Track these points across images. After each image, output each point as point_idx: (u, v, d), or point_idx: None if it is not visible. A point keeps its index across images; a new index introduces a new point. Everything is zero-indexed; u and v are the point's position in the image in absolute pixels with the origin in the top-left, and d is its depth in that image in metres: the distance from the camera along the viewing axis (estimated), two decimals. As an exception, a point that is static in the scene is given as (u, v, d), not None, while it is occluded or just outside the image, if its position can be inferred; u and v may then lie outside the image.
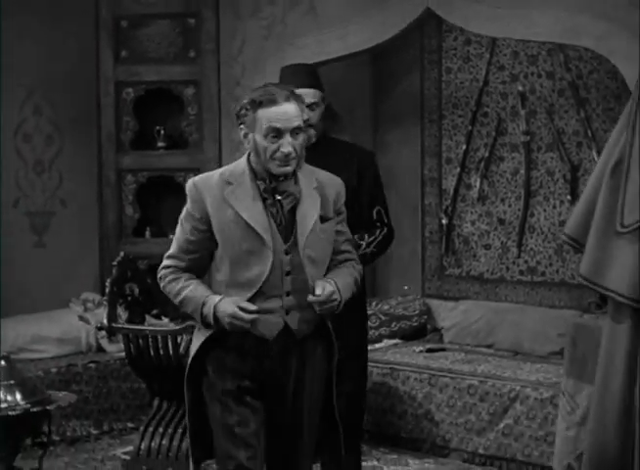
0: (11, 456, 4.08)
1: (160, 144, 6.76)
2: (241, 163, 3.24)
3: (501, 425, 5.20)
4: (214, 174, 3.26)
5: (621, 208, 2.08)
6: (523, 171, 6.26)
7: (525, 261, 6.33)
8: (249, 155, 3.22)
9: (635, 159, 2.06)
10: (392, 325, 6.48)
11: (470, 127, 6.47)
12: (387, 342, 6.35)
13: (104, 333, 5.88)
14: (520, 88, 6.25)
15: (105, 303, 5.79)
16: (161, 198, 6.82)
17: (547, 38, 5.18)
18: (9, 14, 6.09)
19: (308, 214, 3.21)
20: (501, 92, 6.38)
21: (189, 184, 3.25)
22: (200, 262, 3.28)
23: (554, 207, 6.18)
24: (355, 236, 3.80)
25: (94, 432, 5.81)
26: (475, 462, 5.30)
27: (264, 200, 3.18)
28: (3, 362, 4.04)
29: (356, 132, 6.71)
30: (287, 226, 3.20)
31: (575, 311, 5.63)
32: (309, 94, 3.98)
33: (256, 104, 3.13)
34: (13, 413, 3.91)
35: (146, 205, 6.82)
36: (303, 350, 3.28)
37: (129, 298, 5.42)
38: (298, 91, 3.38)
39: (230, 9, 6.46)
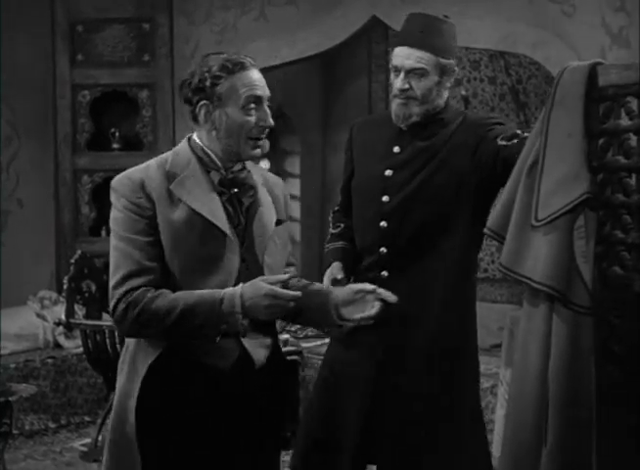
0: (-27, 447, 4.23)
1: (116, 145, 6.90)
2: (182, 150, 2.58)
3: (444, 414, 5.41)
4: (149, 167, 2.56)
5: (536, 204, 2.31)
6: (466, 172, 6.48)
7: (469, 258, 6.56)
8: (189, 140, 2.59)
9: (548, 159, 2.30)
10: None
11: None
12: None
13: (61, 329, 6.04)
14: (463, 92, 6.49)
15: (62, 300, 5.95)
16: (117, 198, 6.92)
17: (485, 45, 5.43)
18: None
19: (266, 214, 2.62)
20: (445, 96, 6.60)
21: (120, 181, 2.52)
22: (164, 274, 2.50)
23: (495, 204, 6.41)
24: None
25: (52, 425, 5.90)
26: (420, 450, 5.49)
27: (220, 194, 2.54)
28: (-34, 356, 4.20)
29: (306, 133, 6.90)
30: (244, 227, 2.57)
31: (515, 306, 5.86)
32: (412, 56, 3.02)
33: (229, 69, 2.50)
34: (-25, 404, 4.08)
35: (101, 205, 6.88)
36: (259, 382, 2.63)
37: (86, 294, 5.55)
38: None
39: (183, 14, 6.62)
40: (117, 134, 6.88)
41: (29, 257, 6.68)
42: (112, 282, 2.48)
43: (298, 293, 2.44)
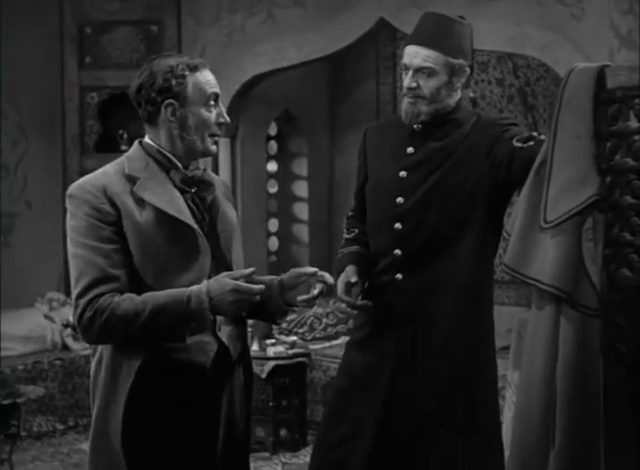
0: (-19, 448, 4.27)
1: (124, 147, 6.91)
2: (136, 154, 2.58)
3: (452, 416, 5.41)
4: (106, 173, 2.53)
5: (544, 205, 2.31)
6: (473, 174, 6.49)
7: (477, 261, 6.55)
8: (141, 144, 2.59)
9: (557, 161, 2.30)
10: (350, 323, 6.66)
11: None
12: (344, 339, 6.53)
13: (69, 331, 6.07)
14: (471, 94, 6.49)
15: (70, 301, 5.96)
16: (123, 200, 6.95)
17: (493, 47, 5.43)
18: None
19: (227, 210, 2.66)
20: (453, 98, 6.61)
21: (80, 188, 2.48)
22: (131, 282, 2.47)
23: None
24: None
25: (60, 427, 5.93)
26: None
27: (182, 193, 2.55)
28: (-26, 357, 4.22)
29: (313, 135, 6.92)
30: (208, 224, 2.59)
31: (524, 308, 5.86)
32: (420, 55, 3.03)
33: (190, 68, 2.56)
34: (-17, 406, 4.10)
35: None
36: (234, 376, 2.66)
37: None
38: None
39: (191, 17, 6.64)
40: (125, 136, 6.89)
41: (37, 258, 6.70)
42: (75, 292, 2.43)
43: (262, 286, 2.45)
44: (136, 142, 2.61)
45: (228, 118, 2.62)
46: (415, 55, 3.02)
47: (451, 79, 3.03)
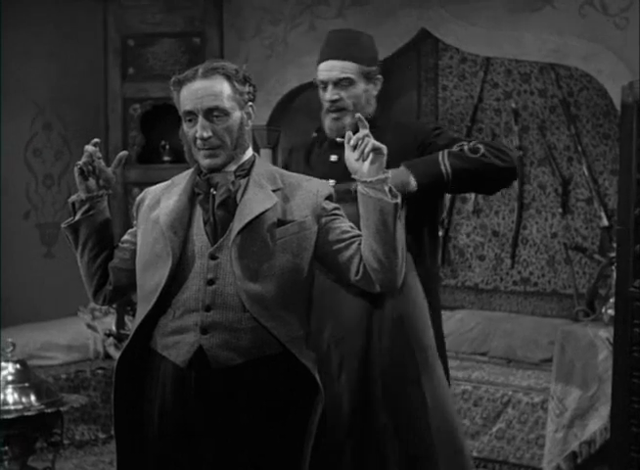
0: (25, 456, 4.26)
1: (166, 158, 6.95)
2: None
3: (494, 429, 5.37)
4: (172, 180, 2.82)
5: None
6: (516, 185, 6.43)
7: (519, 272, 6.51)
8: None
9: None
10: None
11: (464, 142, 6.65)
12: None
13: (112, 340, 6.10)
14: (513, 105, 6.45)
15: (113, 311, 6.00)
16: (166, 210, 6.99)
17: (536, 58, 5.39)
18: (21, 32, 6.30)
19: (248, 209, 2.55)
20: (495, 109, 6.58)
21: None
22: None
23: (546, 219, 6.37)
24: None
25: (102, 436, 5.95)
26: (469, 465, 5.48)
27: (196, 195, 2.64)
28: (19, 366, 4.25)
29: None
30: (218, 225, 2.57)
31: (566, 320, 5.81)
32: (336, 67, 3.17)
33: (177, 84, 2.67)
34: (27, 414, 4.10)
35: (150, 217, 6.98)
36: (236, 391, 2.50)
37: (136, 306, 5.59)
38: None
39: (234, 29, 6.65)
40: (168, 147, 6.93)
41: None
42: None
43: (92, 147, 2.84)
44: None
45: (202, 135, 2.57)
46: (331, 69, 3.17)
47: (367, 87, 3.23)
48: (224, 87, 2.62)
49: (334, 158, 3.16)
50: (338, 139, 3.11)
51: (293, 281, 2.54)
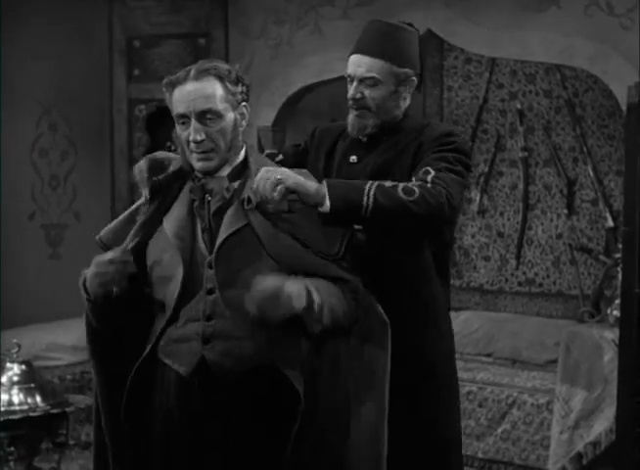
0: (30, 457, 4.28)
1: (171, 159, 6.96)
2: None
3: (499, 430, 5.35)
4: None
5: None
6: (521, 186, 6.44)
7: (524, 273, 6.50)
8: None
9: None
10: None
11: (470, 143, 6.61)
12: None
13: (117, 341, 6.09)
14: (518, 106, 6.44)
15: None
16: (171, 212, 7.00)
17: (542, 58, 5.39)
18: (27, 33, 6.30)
19: (234, 217, 2.52)
20: (500, 109, 6.57)
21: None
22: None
23: (551, 220, 6.36)
24: None
25: (107, 437, 5.97)
26: (474, 466, 5.44)
27: (192, 201, 2.60)
28: (24, 367, 4.25)
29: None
30: (214, 232, 2.54)
31: (571, 321, 5.80)
32: (364, 64, 2.93)
33: (169, 85, 2.59)
34: (33, 415, 4.13)
35: (157, 218, 6.98)
36: (240, 398, 2.50)
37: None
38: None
39: (239, 30, 6.65)
40: (173, 148, 6.92)
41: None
42: None
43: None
44: None
45: (196, 138, 2.52)
46: (359, 64, 2.92)
47: (397, 89, 2.92)
48: (216, 89, 2.54)
49: (353, 158, 2.98)
50: (361, 137, 2.96)
51: None
